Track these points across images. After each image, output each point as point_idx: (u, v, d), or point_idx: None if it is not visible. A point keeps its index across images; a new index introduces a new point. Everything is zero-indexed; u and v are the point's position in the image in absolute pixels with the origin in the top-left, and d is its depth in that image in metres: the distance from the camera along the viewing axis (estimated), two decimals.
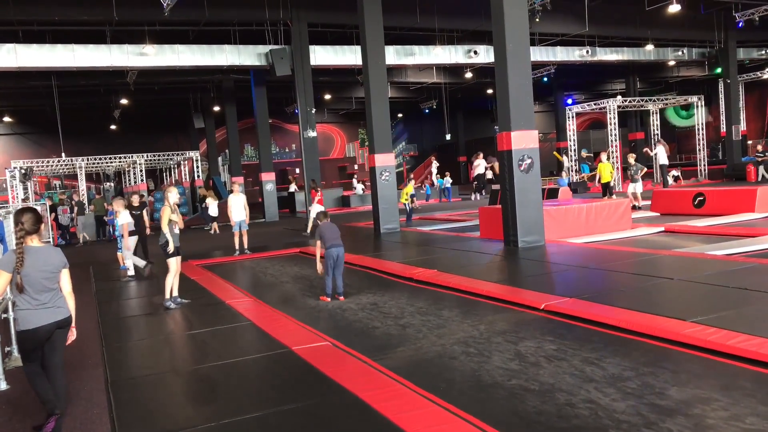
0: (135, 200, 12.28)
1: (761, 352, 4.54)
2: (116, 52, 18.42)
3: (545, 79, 30.94)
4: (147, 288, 9.97)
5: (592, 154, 29.75)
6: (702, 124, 27.63)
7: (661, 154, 22.63)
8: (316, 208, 16.54)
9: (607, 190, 17.81)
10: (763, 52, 29.59)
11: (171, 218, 8.07)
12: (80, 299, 8.92)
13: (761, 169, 23.77)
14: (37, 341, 4.22)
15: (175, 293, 8.25)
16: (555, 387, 4.34)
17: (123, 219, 11.26)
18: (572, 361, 4.84)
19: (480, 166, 27.35)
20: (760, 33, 27.44)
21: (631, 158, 17.68)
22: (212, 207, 20.13)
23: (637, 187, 16.65)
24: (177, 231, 8.21)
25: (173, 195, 8.19)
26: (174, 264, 8.17)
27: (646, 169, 18.47)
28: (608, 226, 12.32)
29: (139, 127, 35.13)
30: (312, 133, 20.41)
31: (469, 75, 29.19)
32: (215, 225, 19.84)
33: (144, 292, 9.63)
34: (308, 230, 15.45)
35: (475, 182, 27.59)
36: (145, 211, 12.36)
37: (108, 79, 24.12)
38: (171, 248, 8.06)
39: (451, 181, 28.07)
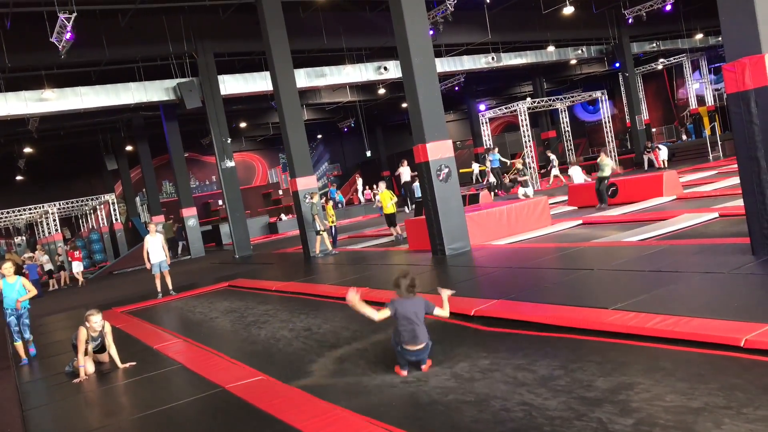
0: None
1: (677, 330, 4.75)
2: (13, 99, 17.52)
3: (456, 88, 31.67)
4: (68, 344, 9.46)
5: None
6: (608, 117, 28.97)
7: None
8: None
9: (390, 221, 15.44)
10: (654, 45, 31.39)
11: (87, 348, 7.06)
12: None
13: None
14: None
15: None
16: (490, 395, 4.38)
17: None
18: (505, 370, 4.86)
19: (405, 173, 24.00)
20: (649, 27, 29.17)
21: (519, 163, 18.29)
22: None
23: (528, 192, 17.26)
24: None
25: (97, 321, 7.03)
26: None
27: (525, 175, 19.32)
28: (529, 224, 12.67)
29: (48, 175, 33.49)
30: (230, 163, 20.12)
31: (382, 91, 29.54)
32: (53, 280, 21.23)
33: (65, 349, 9.13)
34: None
35: (403, 192, 24.88)
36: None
37: (7, 128, 22.92)
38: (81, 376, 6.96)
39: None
